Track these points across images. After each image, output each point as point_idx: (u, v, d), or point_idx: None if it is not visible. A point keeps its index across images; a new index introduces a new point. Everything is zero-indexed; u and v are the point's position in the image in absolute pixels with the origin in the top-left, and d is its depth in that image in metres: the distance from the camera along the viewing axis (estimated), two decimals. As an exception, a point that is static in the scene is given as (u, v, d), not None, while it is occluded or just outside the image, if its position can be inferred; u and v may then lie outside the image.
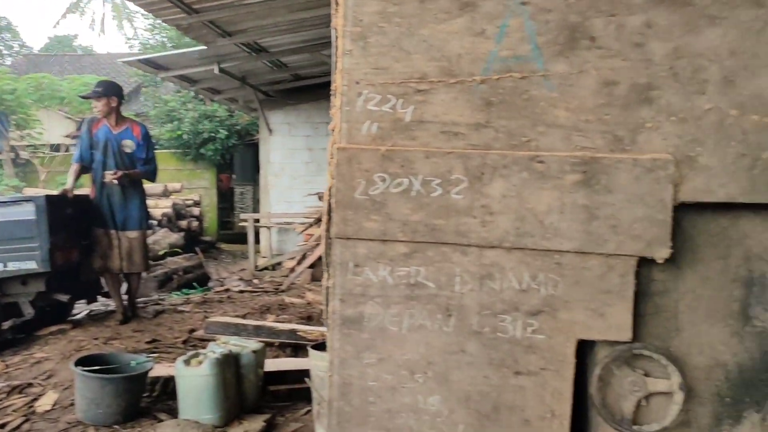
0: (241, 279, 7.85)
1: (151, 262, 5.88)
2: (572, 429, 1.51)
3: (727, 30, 1.36)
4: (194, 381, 2.74)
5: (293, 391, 3.20)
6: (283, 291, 5.94)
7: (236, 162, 14.50)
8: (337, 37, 1.50)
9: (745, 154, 1.37)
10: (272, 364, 3.38)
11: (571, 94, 1.41)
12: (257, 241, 9.77)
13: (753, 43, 1.35)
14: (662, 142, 1.39)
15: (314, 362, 2.69)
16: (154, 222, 9.80)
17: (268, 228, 10.02)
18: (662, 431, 1.45)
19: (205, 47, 6.89)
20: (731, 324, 1.47)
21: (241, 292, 6.01)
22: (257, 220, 9.87)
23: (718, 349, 1.47)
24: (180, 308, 5.04)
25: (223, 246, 12.53)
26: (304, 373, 2.90)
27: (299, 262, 6.75)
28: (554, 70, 1.42)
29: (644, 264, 1.45)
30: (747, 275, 1.46)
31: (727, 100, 1.37)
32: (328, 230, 1.53)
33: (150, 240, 8.14)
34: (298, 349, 3.83)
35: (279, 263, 8.72)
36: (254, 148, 12.31)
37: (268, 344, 3.63)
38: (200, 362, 2.77)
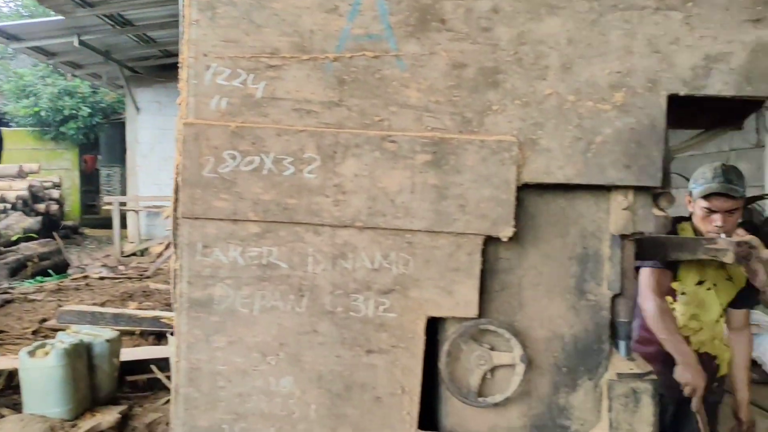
0: (104, 266, 7.44)
1: (1, 248, 5.42)
2: (423, 404, 1.55)
3: (565, 19, 1.43)
4: (40, 373, 2.56)
5: (154, 380, 3.08)
6: (148, 277, 5.68)
7: (102, 142, 13.69)
8: (184, 5, 1.42)
9: (580, 138, 1.45)
10: (131, 353, 3.23)
11: (422, 75, 1.43)
12: (124, 225, 9.28)
13: (588, 33, 1.43)
14: (507, 124, 1.44)
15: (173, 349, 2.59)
16: (8, 205, 9.04)
17: (136, 212, 9.54)
18: (505, 401, 1.51)
19: (62, 18, 6.40)
20: (568, 298, 1.56)
21: (102, 278, 5.69)
22: (123, 204, 9.36)
23: (557, 322, 1.56)
24: (31, 297, 4.69)
25: (88, 231, 11.81)
26: (166, 362, 2.80)
27: (167, 247, 6.49)
28: (406, 50, 1.43)
29: (491, 242, 1.50)
30: (582, 252, 1.55)
31: (565, 86, 1.44)
32: (175, 210, 1.46)
33: (1, 224, 7.51)
34: (161, 336, 3.69)
35: (147, 249, 8.35)
36: (122, 127, 11.67)
37: (128, 333, 3.46)
38: (47, 353, 2.60)
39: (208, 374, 1.47)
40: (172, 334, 2.61)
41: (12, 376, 2.91)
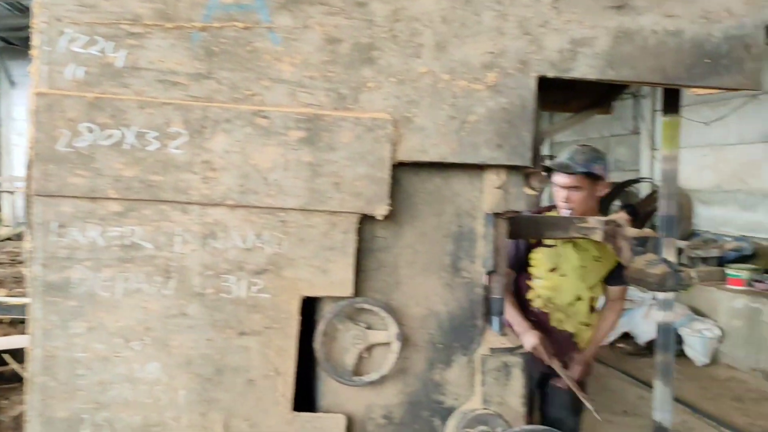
0: (-27, 251, 6.89)
1: None
2: (300, 385, 1.53)
3: (439, -3, 1.43)
4: None
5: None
6: (21, 262, 5.31)
7: (-29, 117, 12.63)
8: (35, -35, 1.31)
9: (454, 117, 1.46)
10: (-4, 343, 3.01)
11: (296, 49, 1.39)
12: (-4, 207, 8.64)
13: (462, 12, 1.43)
14: (382, 102, 1.43)
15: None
16: None
17: (11, 193, 8.89)
18: (381, 379, 1.52)
19: None
20: (444, 276, 1.58)
21: (-31, 264, 5.27)
22: (-4, 184, 8.70)
23: (433, 299, 1.58)
24: None
25: (-45, 214, 10.89)
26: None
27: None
28: (279, 23, 1.38)
29: (367, 221, 1.49)
30: (457, 231, 1.58)
31: (439, 65, 1.44)
32: (28, 187, 1.35)
33: None
34: (33, 325, 3.45)
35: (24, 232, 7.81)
36: (-7, 102, 10.81)
37: (-6, 321, 3.22)
38: None
39: (66, 362, 1.37)
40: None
41: None
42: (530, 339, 2.98)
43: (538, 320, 3.09)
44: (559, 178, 3.02)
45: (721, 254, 7.44)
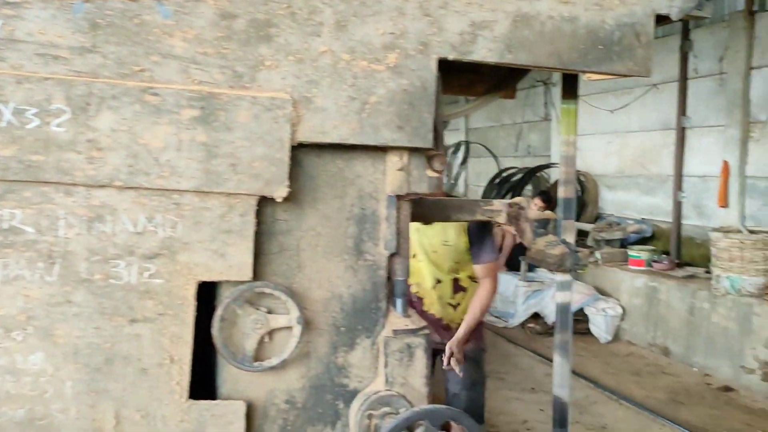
0: None
1: None
2: (201, 372, 1.49)
3: (339, -25, 1.40)
4: None
5: None
6: None
7: None
8: None
9: (355, 97, 1.44)
10: None
11: (188, 24, 1.33)
12: None
13: (361, -9, 1.41)
14: (281, 81, 1.40)
15: None
16: None
17: None
18: (282, 364, 1.49)
19: None
20: (347, 259, 1.57)
21: None
22: None
23: (335, 282, 1.56)
24: None
25: None
26: None
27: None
28: (170, -5, 1.32)
29: (268, 204, 1.46)
30: (360, 213, 1.57)
31: (339, 44, 1.42)
32: None
33: None
34: None
35: None
36: None
37: None
38: None
39: (-62, 356, 1.28)
40: None
41: None
42: None
43: (413, 306, 3.20)
44: None
45: (623, 236, 7.82)
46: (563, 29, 1.55)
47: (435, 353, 3.27)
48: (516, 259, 7.70)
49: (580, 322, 7.10)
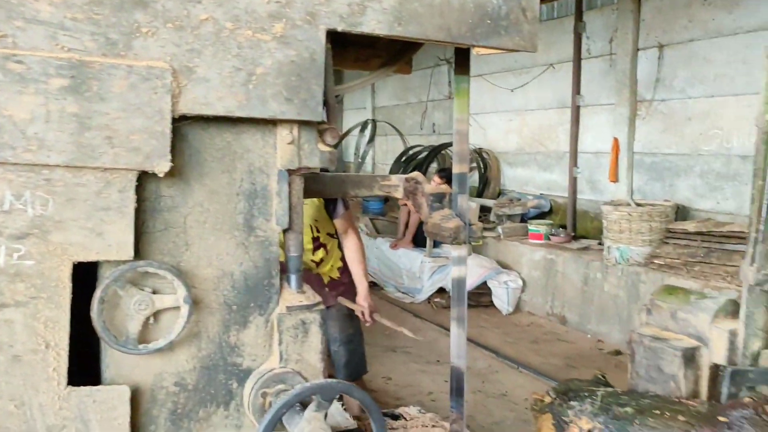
0: None
1: None
2: (84, 356, 1.42)
3: (219, -62, 1.34)
4: None
5: None
6: None
7: None
8: None
9: (240, 68, 1.39)
10: None
11: (54, -14, 1.24)
12: None
13: (244, -43, 1.36)
14: (160, 49, 1.33)
15: None
16: None
17: None
18: (170, 346, 1.44)
19: None
20: (237, 235, 1.53)
21: None
22: None
23: (226, 260, 1.52)
24: None
25: None
26: None
27: None
28: (33, -46, 1.22)
29: (151, 179, 1.40)
30: (250, 188, 1.53)
31: (222, 12, 1.36)
32: None
33: None
34: None
35: None
36: None
37: None
38: None
39: None
40: None
41: None
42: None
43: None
44: None
45: (524, 211, 8.11)
46: (452, 3, 1.56)
47: None
48: (422, 236, 7.82)
49: (483, 295, 7.32)
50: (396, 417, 2.28)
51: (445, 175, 7.47)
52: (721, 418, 1.41)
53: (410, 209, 7.91)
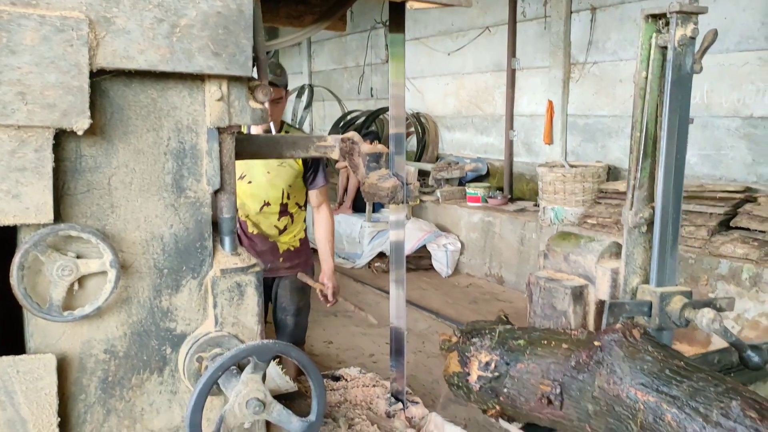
0: None
1: None
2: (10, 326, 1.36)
3: None
4: None
5: None
6: None
7: None
8: None
9: (163, 19, 1.32)
10: None
11: (-48, -74, 1.14)
12: None
13: None
14: (74, -2, 1.24)
15: None
16: None
17: None
18: (98, 312, 1.39)
19: None
20: (166, 197, 1.47)
21: None
22: None
23: (155, 222, 1.47)
24: None
25: None
26: None
27: None
28: None
29: (70, 138, 1.33)
30: (178, 147, 1.47)
31: (140, -41, 1.29)
32: None
33: None
34: None
35: None
36: None
37: None
38: None
39: None
40: None
41: None
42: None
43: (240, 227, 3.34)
44: None
45: (461, 175, 8.18)
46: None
47: (270, 281, 3.47)
48: (361, 201, 7.82)
49: (423, 258, 7.40)
50: (336, 378, 2.28)
51: (373, 138, 7.45)
52: (596, 343, 1.55)
53: (348, 174, 7.88)
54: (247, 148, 2.00)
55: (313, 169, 3.41)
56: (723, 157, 5.57)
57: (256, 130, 3.20)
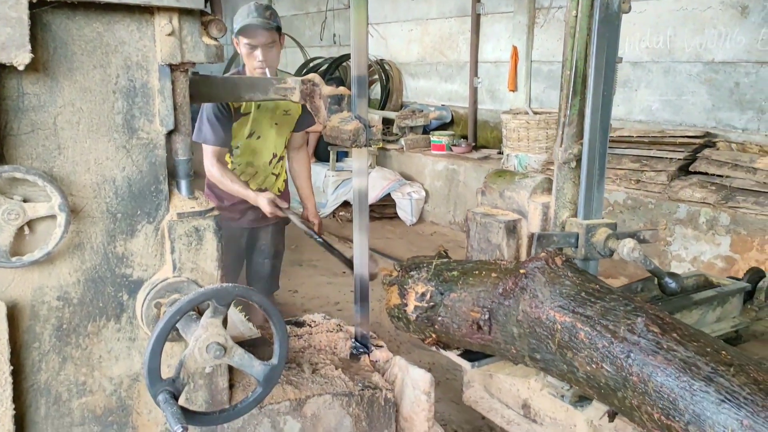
0: None
1: None
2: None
3: None
4: None
5: None
6: None
7: None
8: None
9: None
10: None
11: None
12: None
13: None
14: None
15: None
16: None
17: None
18: (48, 258, 1.33)
19: None
20: (117, 138, 1.41)
21: None
22: None
23: (106, 164, 1.41)
24: None
25: None
26: None
27: None
28: None
29: (11, 74, 1.25)
30: (128, 85, 1.40)
31: None
32: None
33: None
34: None
35: None
36: None
37: None
38: None
39: None
40: None
41: None
42: (264, 200, 3.16)
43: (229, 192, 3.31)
44: (256, 38, 3.06)
45: (426, 123, 8.13)
46: None
47: (254, 231, 3.54)
48: (325, 150, 7.73)
49: (387, 207, 7.40)
50: (300, 324, 2.27)
51: (338, 84, 7.33)
52: (521, 271, 1.65)
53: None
54: (203, 89, 1.92)
55: (305, 110, 3.36)
56: (684, 102, 5.62)
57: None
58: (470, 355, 1.95)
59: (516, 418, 2.10)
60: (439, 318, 1.82)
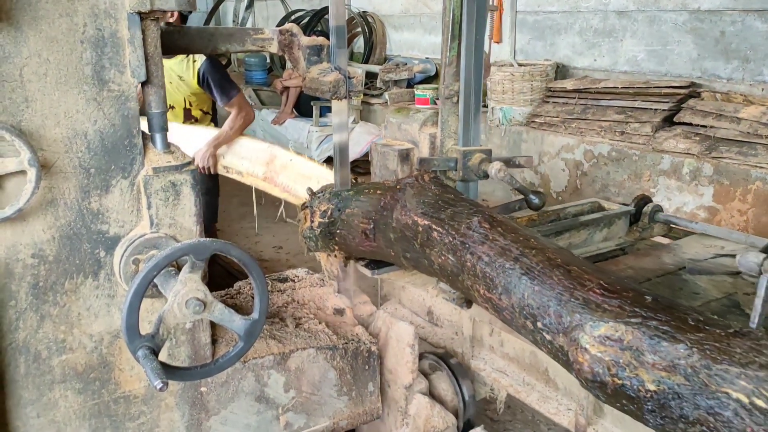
0: None
1: None
2: None
3: None
4: None
5: None
6: None
7: None
8: None
9: None
10: None
11: None
12: None
13: None
14: None
15: None
16: None
17: None
18: (20, 214, 1.30)
19: None
20: (87, 90, 1.36)
21: None
22: None
23: (77, 118, 1.36)
24: None
25: None
26: None
27: None
28: None
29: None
30: (97, 35, 1.35)
31: None
32: None
33: None
34: None
35: None
36: None
37: None
38: None
39: None
40: None
41: None
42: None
43: None
44: None
45: (410, 76, 8.00)
46: None
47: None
48: (308, 105, 7.62)
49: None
50: (284, 279, 2.26)
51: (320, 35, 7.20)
52: (397, 186, 1.93)
53: (283, 78, 7.75)
54: (178, 41, 1.87)
55: (217, 89, 3.70)
56: (669, 52, 5.56)
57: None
58: (372, 265, 2.19)
59: (423, 323, 2.44)
60: (338, 231, 2.06)
